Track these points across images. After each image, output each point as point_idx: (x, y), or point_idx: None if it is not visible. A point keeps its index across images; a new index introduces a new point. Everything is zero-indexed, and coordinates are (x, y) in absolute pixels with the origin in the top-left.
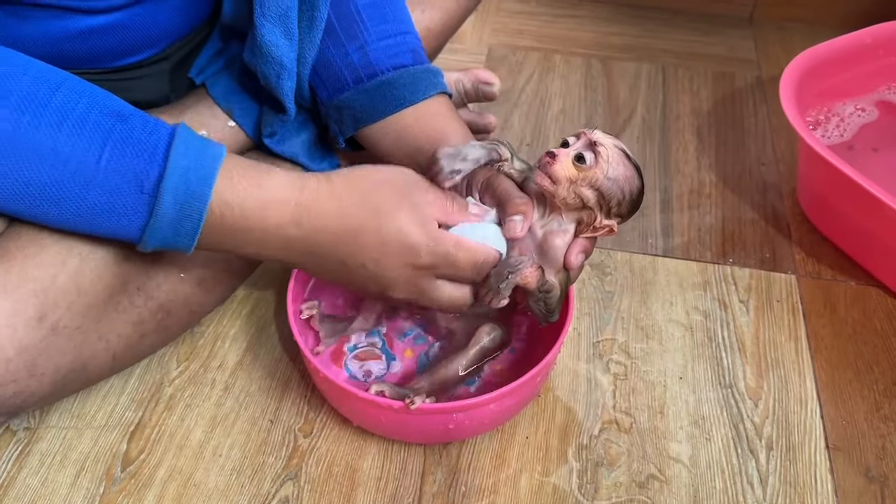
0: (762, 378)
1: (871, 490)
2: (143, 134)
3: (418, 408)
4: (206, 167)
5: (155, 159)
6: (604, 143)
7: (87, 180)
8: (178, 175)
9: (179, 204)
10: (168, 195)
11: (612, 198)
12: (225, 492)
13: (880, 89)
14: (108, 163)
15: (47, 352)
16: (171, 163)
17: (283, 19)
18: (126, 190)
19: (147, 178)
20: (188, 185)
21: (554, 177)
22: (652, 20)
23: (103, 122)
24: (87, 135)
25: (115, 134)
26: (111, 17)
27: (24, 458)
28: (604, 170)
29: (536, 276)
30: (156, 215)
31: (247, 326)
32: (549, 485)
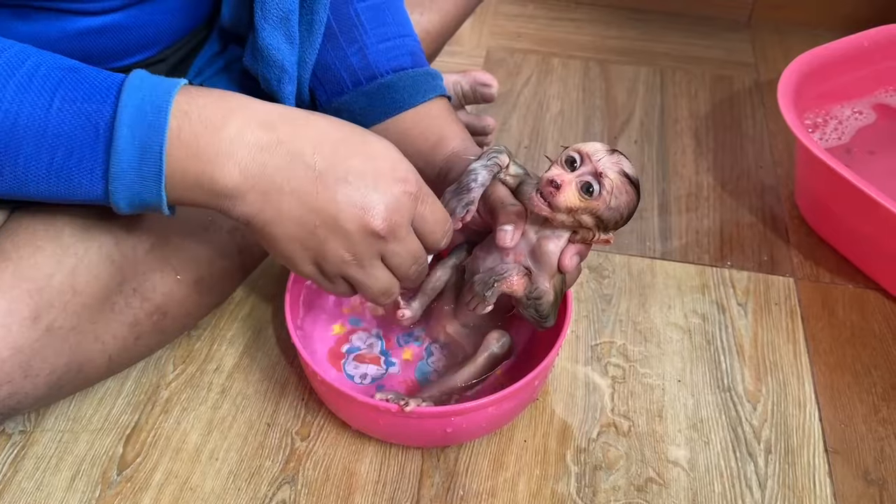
0: (761, 381)
1: (869, 493)
2: (95, 79)
3: (416, 411)
4: (161, 96)
5: (108, 99)
6: (609, 175)
7: (40, 133)
8: (132, 108)
9: (138, 140)
10: (124, 130)
11: (610, 221)
12: (221, 495)
13: (878, 92)
14: (59, 110)
15: (42, 352)
16: (124, 98)
17: (284, 22)
18: (80, 136)
19: (101, 117)
20: (144, 117)
21: (556, 206)
22: (650, 23)
23: (53, 74)
24: (36, 87)
25: (65, 83)
26: (108, 18)
27: (19, 462)
28: (606, 202)
29: (523, 284)
30: (115, 157)
31: (244, 329)
32: (548, 488)
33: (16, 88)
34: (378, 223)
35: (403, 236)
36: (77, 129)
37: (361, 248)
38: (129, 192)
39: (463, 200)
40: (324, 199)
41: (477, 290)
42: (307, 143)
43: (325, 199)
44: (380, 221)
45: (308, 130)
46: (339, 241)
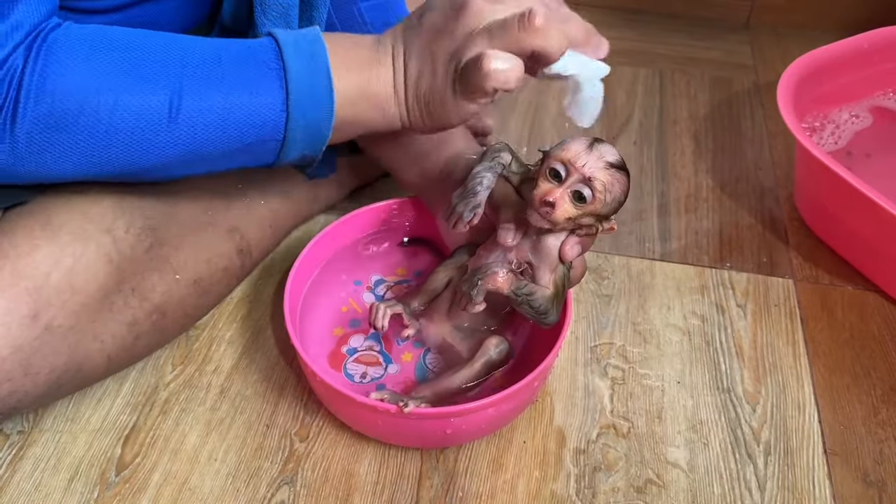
0: (760, 383)
1: (868, 495)
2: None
3: (416, 412)
4: (310, 32)
5: (267, 45)
6: (598, 176)
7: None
8: (292, 45)
9: (305, 62)
10: (291, 56)
11: (612, 210)
12: (220, 496)
13: (876, 95)
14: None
15: (41, 351)
16: (281, 40)
17: (283, 17)
18: (257, 77)
19: (269, 57)
20: (303, 48)
21: (553, 222)
22: (649, 25)
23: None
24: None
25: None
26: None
27: (17, 462)
28: (602, 200)
29: (508, 281)
30: (290, 76)
31: (243, 330)
32: (547, 489)
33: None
34: (469, 4)
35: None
36: (253, 73)
37: (470, 25)
38: (304, 112)
39: (470, 204)
40: (425, 32)
41: (464, 290)
42: (403, 22)
43: (426, 31)
44: (469, 2)
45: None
46: (458, 37)
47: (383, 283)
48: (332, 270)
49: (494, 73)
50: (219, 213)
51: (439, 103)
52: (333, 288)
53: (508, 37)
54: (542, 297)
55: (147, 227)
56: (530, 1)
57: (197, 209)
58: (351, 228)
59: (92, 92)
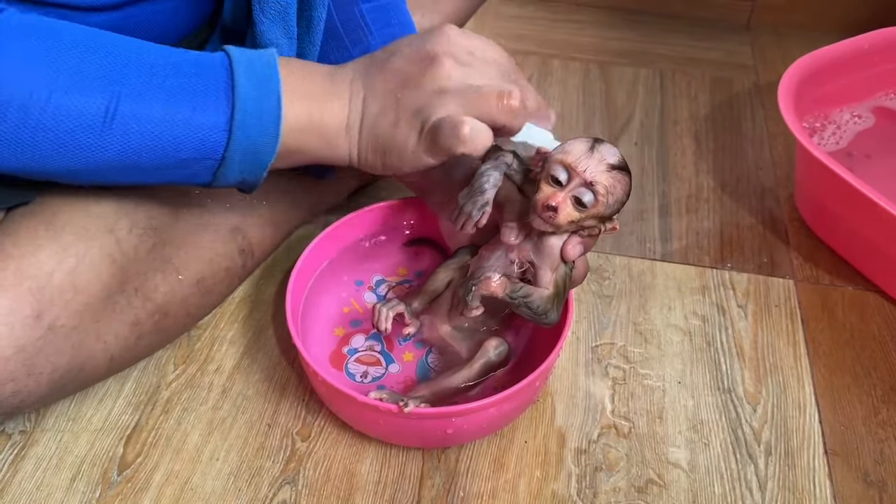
0: (761, 383)
1: (869, 495)
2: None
3: (417, 412)
4: (265, 54)
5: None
6: (599, 179)
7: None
8: (245, 65)
9: (254, 87)
10: (242, 80)
11: (614, 212)
12: (222, 496)
13: (877, 95)
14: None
15: (45, 351)
16: (235, 58)
17: (282, 16)
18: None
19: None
20: (256, 68)
21: (556, 226)
22: (650, 25)
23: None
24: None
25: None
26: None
27: (19, 462)
28: (605, 202)
29: (502, 285)
30: (238, 99)
31: (244, 329)
32: (548, 489)
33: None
34: (440, 56)
35: (475, 59)
36: (199, 87)
37: (447, 80)
38: (248, 141)
39: (478, 203)
40: (390, 77)
41: (460, 296)
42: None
43: (391, 76)
44: (440, 54)
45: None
46: (423, 92)
47: (384, 283)
48: (334, 270)
49: (470, 141)
50: (221, 213)
51: (397, 152)
52: (335, 288)
53: (483, 108)
54: (540, 298)
55: (150, 227)
56: (494, 71)
57: (199, 209)
58: (352, 228)
59: (25, 84)
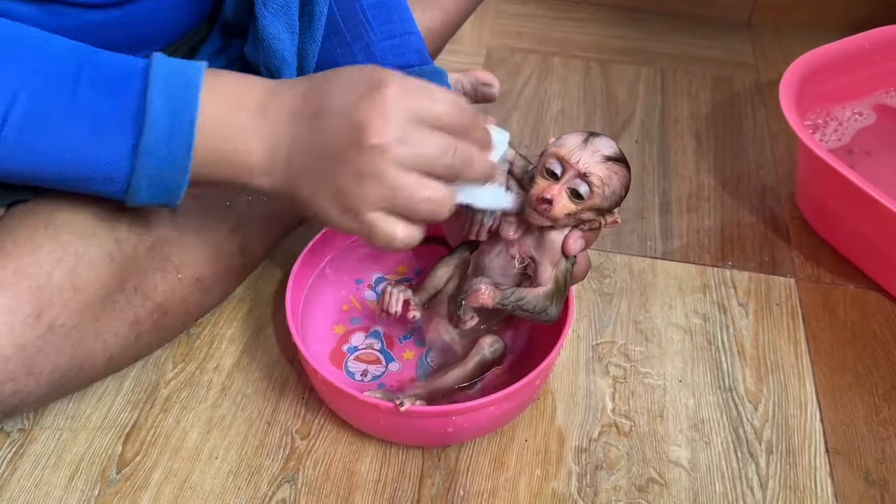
0: (762, 382)
1: (870, 494)
2: (118, 60)
3: (417, 410)
4: (191, 74)
5: (135, 77)
6: (592, 169)
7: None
8: (162, 85)
9: (169, 114)
10: (156, 102)
11: (613, 204)
12: (221, 494)
13: (878, 93)
14: (85, 90)
15: (44, 350)
16: (154, 75)
17: (284, 11)
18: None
19: (130, 95)
20: (175, 92)
21: (552, 219)
22: (651, 23)
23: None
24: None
25: (89, 63)
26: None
27: (17, 460)
28: (601, 194)
29: (492, 296)
30: (147, 128)
31: (244, 328)
32: (549, 488)
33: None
34: (371, 136)
35: (408, 137)
36: (106, 110)
37: (371, 167)
38: (155, 169)
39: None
40: (321, 140)
41: (453, 311)
42: (299, 93)
43: (323, 140)
44: (372, 133)
45: (299, 83)
46: (351, 175)
47: (384, 282)
48: (334, 269)
49: (403, 245)
50: (220, 212)
51: (318, 215)
52: (334, 286)
53: (410, 209)
54: (535, 298)
55: (149, 226)
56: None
57: (199, 207)
58: None
59: None
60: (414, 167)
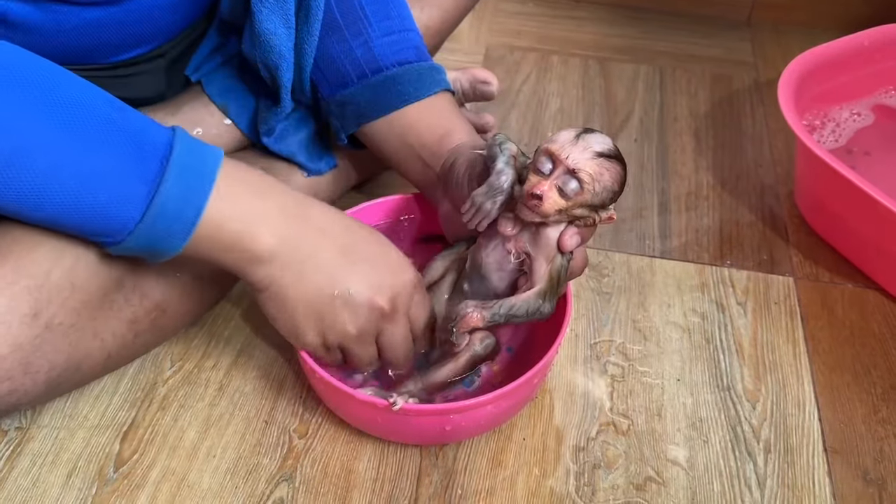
0: (760, 381)
1: (868, 493)
2: (142, 130)
3: (415, 409)
4: (209, 159)
5: (156, 155)
6: (581, 165)
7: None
8: (179, 167)
9: (181, 196)
10: (171, 182)
11: (605, 200)
12: (219, 493)
13: (877, 93)
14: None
15: (42, 349)
16: (174, 158)
17: (280, 6)
18: (126, 183)
19: (148, 171)
20: (191, 176)
21: (544, 215)
22: (650, 22)
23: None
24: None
25: (113, 128)
26: (107, 11)
27: (15, 458)
28: (591, 190)
29: (481, 318)
30: (155, 205)
31: (242, 326)
32: (546, 487)
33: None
34: (384, 302)
35: (400, 318)
36: (124, 173)
37: (365, 323)
38: (151, 238)
39: (498, 202)
40: (344, 271)
41: (443, 339)
42: (331, 222)
43: (345, 272)
44: (386, 301)
45: (328, 214)
46: (347, 313)
47: None
48: None
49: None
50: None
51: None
52: None
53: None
54: (525, 303)
55: None
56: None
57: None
58: None
59: None
60: (387, 342)
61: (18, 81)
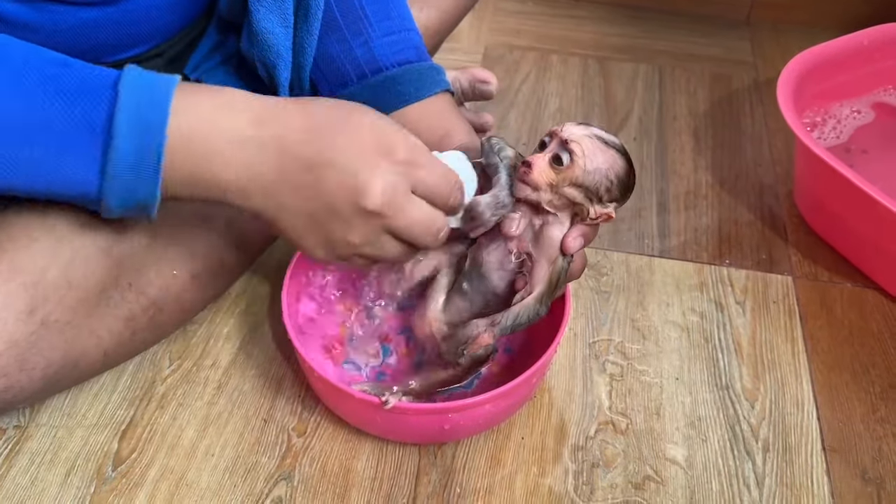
0: (758, 380)
1: (867, 492)
2: (89, 75)
3: (413, 408)
4: (160, 94)
5: (103, 96)
6: (575, 137)
7: (31, 127)
8: (130, 107)
9: (136, 139)
10: (122, 129)
11: (600, 187)
12: (217, 491)
13: (877, 91)
14: (51, 106)
15: (38, 346)
16: (122, 97)
17: (279, 5)
18: (75, 133)
19: (97, 115)
20: (143, 115)
21: (534, 184)
22: (649, 21)
23: (44, 68)
24: (28, 82)
25: (57, 78)
26: (105, 10)
27: (13, 457)
28: (581, 165)
29: (490, 335)
30: (112, 156)
31: (240, 324)
32: (545, 486)
33: (4, 81)
34: (371, 201)
35: (403, 207)
36: (71, 127)
37: (364, 229)
38: (124, 190)
39: (499, 215)
40: (315, 188)
41: (450, 357)
42: (295, 133)
43: (317, 188)
44: (372, 199)
45: (296, 119)
46: (340, 226)
47: None
48: None
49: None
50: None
51: (294, 243)
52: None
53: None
54: (526, 309)
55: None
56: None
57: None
58: None
59: None
60: (400, 235)
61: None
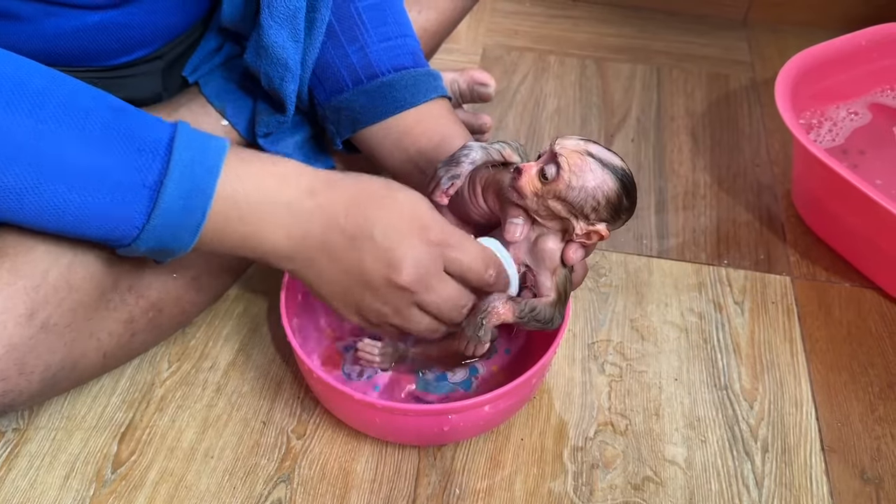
0: (757, 380)
1: (866, 492)
2: (143, 127)
3: (413, 409)
4: (212, 157)
5: (157, 152)
6: (564, 153)
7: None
8: (182, 167)
9: (183, 200)
10: (171, 188)
11: (584, 205)
12: (217, 494)
13: (874, 92)
14: (106, 154)
15: (37, 349)
16: (175, 156)
17: (290, 20)
18: (126, 185)
19: (150, 171)
20: (193, 178)
21: (521, 191)
22: (647, 21)
23: (100, 113)
24: (80, 125)
25: (113, 126)
26: (106, 14)
27: (12, 460)
28: (566, 181)
29: (512, 309)
30: (157, 211)
31: (239, 326)
32: (545, 487)
33: (71, 127)
34: (403, 278)
35: (434, 285)
36: (126, 179)
37: (395, 301)
38: (158, 242)
39: (450, 172)
40: (354, 259)
41: (470, 335)
42: (341, 206)
43: (355, 260)
44: (405, 276)
45: (344, 193)
46: (373, 297)
47: None
48: None
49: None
50: None
51: (327, 303)
52: None
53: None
54: (545, 306)
55: None
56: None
57: None
58: None
59: None
60: (428, 310)
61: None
